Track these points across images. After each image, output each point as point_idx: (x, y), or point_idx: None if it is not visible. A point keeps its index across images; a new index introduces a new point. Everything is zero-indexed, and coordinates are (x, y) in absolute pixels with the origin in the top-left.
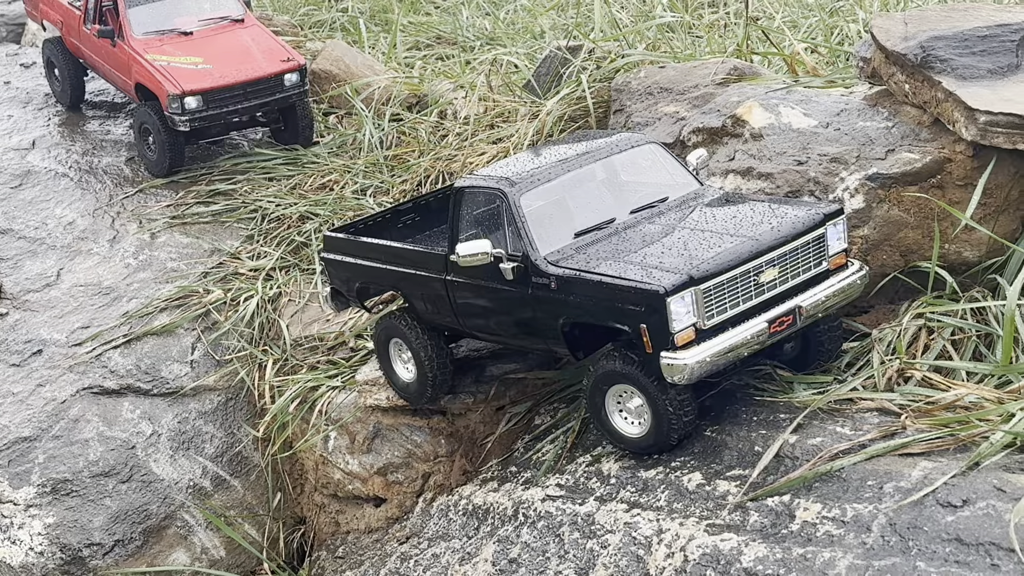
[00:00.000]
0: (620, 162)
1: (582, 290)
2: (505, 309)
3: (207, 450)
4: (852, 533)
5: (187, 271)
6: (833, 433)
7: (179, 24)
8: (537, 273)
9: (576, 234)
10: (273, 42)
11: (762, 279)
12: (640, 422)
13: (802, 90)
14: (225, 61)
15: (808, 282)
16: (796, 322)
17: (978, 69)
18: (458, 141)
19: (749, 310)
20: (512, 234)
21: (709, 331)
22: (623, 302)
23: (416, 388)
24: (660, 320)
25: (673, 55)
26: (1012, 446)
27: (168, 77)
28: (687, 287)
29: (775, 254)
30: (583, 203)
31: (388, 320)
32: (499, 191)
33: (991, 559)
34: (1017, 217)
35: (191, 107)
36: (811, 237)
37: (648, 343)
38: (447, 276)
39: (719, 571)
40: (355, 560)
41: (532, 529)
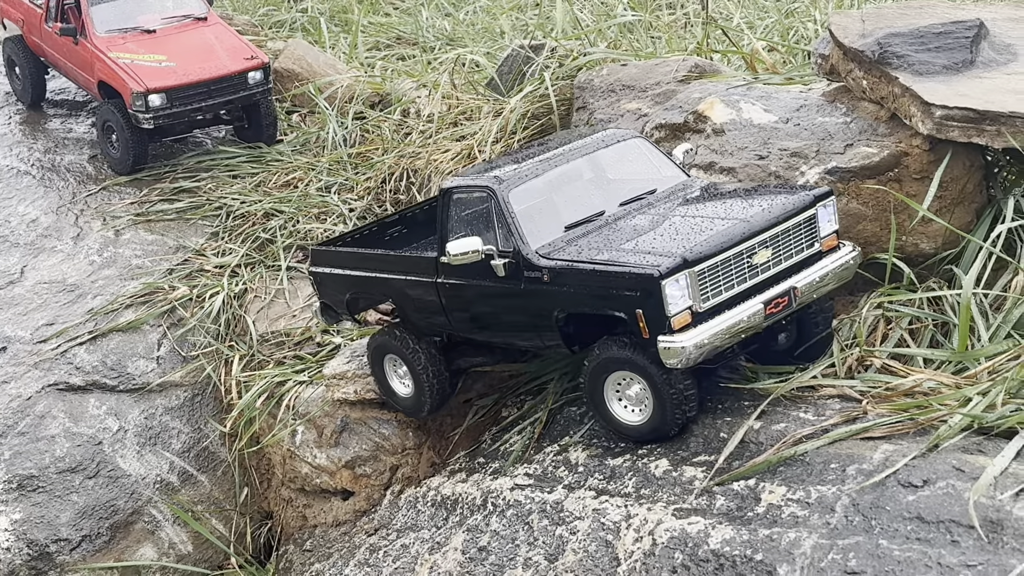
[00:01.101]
0: (607, 157)
1: (576, 280)
2: (498, 306)
3: (174, 445)
4: (816, 514)
5: (152, 268)
6: (796, 419)
7: (142, 22)
8: (529, 267)
9: (566, 227)
10: (236, 40)
11: (755, 260)
12: (640, 409)
13: (762, 87)
14: (189, 59)
15: (801, 264)
16: (791, 303)
17: (934, 65)
18: (422, 139)
19: (744, 292)
20: (502, 230)
21: (705, 314)
22: (618, 288)
23: (414, 401)
24: (656, 304)
25: (635, 54)
26: (970, 429)
27: (132, 75)
28: (681, 270)
29: (767, 235)
30: (572, 197)
31: (381, 337)
32: (488, 188)
33: (951, 535)
34: (972, 209)
35: (155, 105)
36: (802, 218)
37: (644, 328)
38: (438, 279)
39: (687, 553)
40: (323, 553)
41: (501, 518)
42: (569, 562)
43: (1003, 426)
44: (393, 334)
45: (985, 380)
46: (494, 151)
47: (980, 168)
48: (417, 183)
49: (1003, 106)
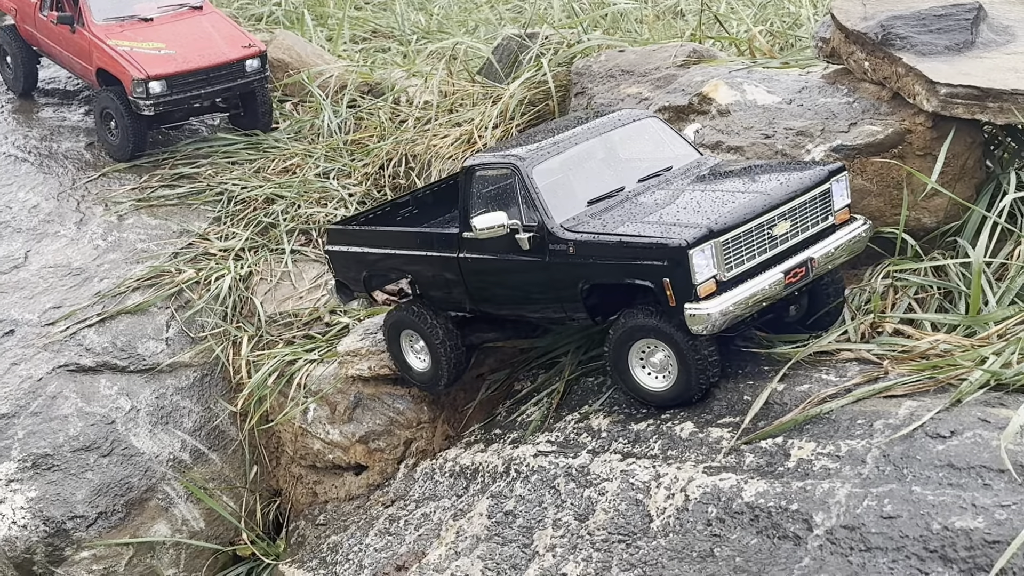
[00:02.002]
0: (624, 135)
1: (602, 252)
2: (521, 280)
3: (185, 424)
4: (848, 466)
5: (157, 252)
6: (819, 380)
7: (139, 10)
8: (554, 240)
9: (589, 202)
10: (233, 28)
11: (776, 232)
12: (665, 376)
13: (762, 70)
14: (188, 46)
15: (817, 236)
16: (809, 273)
17: (936, 46)
18: (418, 125)
19: (765, 262)
20: (526, 205)
21: (728, 283)
22: (645, 259)
23: (431, 376)
24: (683, 273)
25: (632, 40)
26: (988, 385)
27: (132, 62)
28: (707, 240)
29: (786, 208)
30: (592, 174)
31: (397, 313)
32: (511, 165)
33: (983, 480)
34: (972, 184)
35: (156, 91)
36: (818, 192)
37: (671, 296)
38: (460, 254)
39: (721, 507)
40: (339, 526)
41: (526, 483)
42: (600, 521)
43: (1020, 382)
44: (411, 310)
45: (997, 342)
46: (494, 136)
47: (979, 145)
48: (416, 168)
49: (1005, 84)
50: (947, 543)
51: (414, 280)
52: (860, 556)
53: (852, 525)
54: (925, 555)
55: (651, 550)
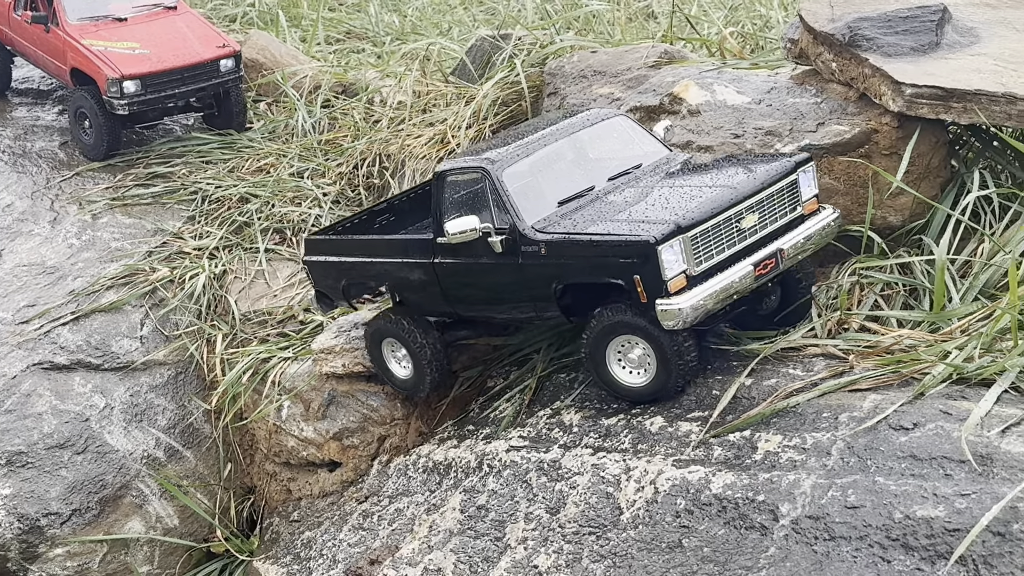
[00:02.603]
0: (593, 135)
1: (573, 251)
2: (496, 282)
3: (159, 422)
4: (814, 458)
5: (131, 250)
6: (786, 375)
7: (113, 10)
8: (526, 242)
9: (559, 203)
10: (207, 29)
11: (744, 225)
12: (643, 371)
13: (732, 71)
14: (162, 46)
15: (786, 227)
16: (779, 264)
17: (902, 47)
18: (392, 125)
19: (734, 255)
20: (498, 208)
21: (699, 277)
22: (615, 256)
23: (414, 382)
24: (653, 269)
25: (604, 41)
26: (950, 379)
27: (107, 62)
28: (675, 235)
29: (753, 200)
30: (562, 175)
31: (378, 322)
32: (481, 169)
33: (944, 470)
34: (936, 183)
35: (130, 91)
36: (785, 183)
37: (643, 293)
38: (435, 260)
39: (690, 499)
40: (313, 522)
41: (498, 478)
42: (571, 514)
43: (981, 376)
44: (391, 318)
45: (959, 337)
46: (467, 136)
47: (944, 144)
48: (390, 168)
49: (968, 84)
50: (909, 532)
51: (392, 288)
52: (824, 545)
53: (817, 515)
54: (887, 543)
55: (621, 541)
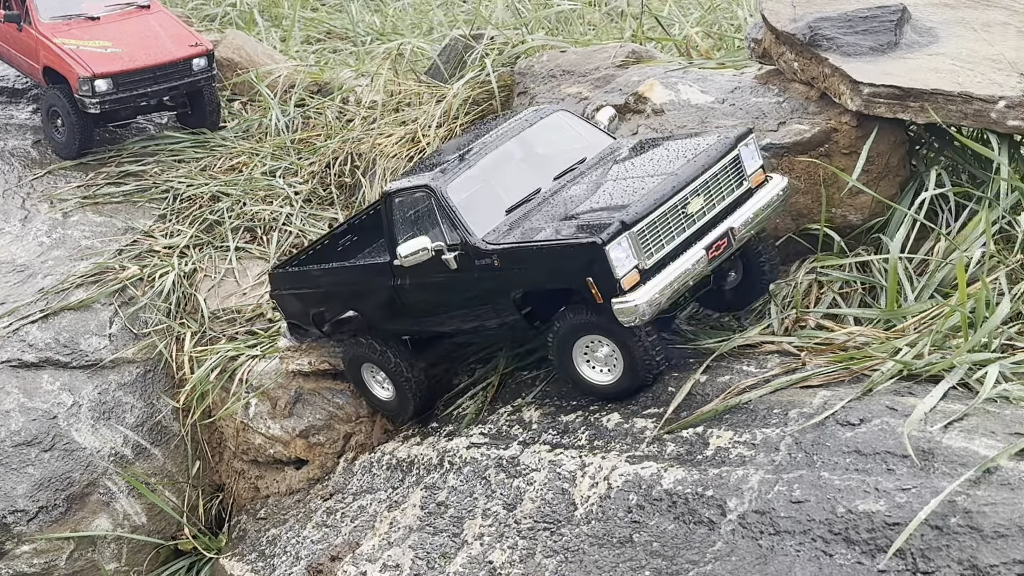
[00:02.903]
0: (535, 134)
1: (524, 261)
2: (458, 298)
3: (127, 420)
4: (762, 453)
5: (102, 249)
6: (740, 372)
7: (86, 9)
8: (479, 255)
9: (507, 211)
10: (180, 28)
11: (690, 209)
12: (610, 369)
13: (697, 71)
14: (134, 45)
15: (735, 204)
16: (731, 243)
17: (861, 46)
18: (364, 124)
19: (685, 242)
20: (447, 225)
21: (652, 269)
22: (565, 261)
23: (398, 403)
24: (603, 270)
25: (573, 40)
26: (900, 375)
27: (78, 60)
28: (621, 233)
29: (697, 183)
30: (508, 181)
31: (354, 347)
32: (426, 187)
33: (887, 465)
34: (896, 182)
35: (102, 90)
36: (727, 161)
37: (597, 294)
38: (395, 282)
39: (641, 494)
40: (279, 519)
41: (458, 474)
42: (527, 510)
43: (930, 372)
44: (362, 342)
45: (912, 334)
46: (438, 135)
47: (903, 143)
48: (362, 167)
49: (925, 84)
50: (850, 525)
51: (359, 313)
52: (769, 539)
53: (763, 510)
54: (830, 537)
55: (574, 537)
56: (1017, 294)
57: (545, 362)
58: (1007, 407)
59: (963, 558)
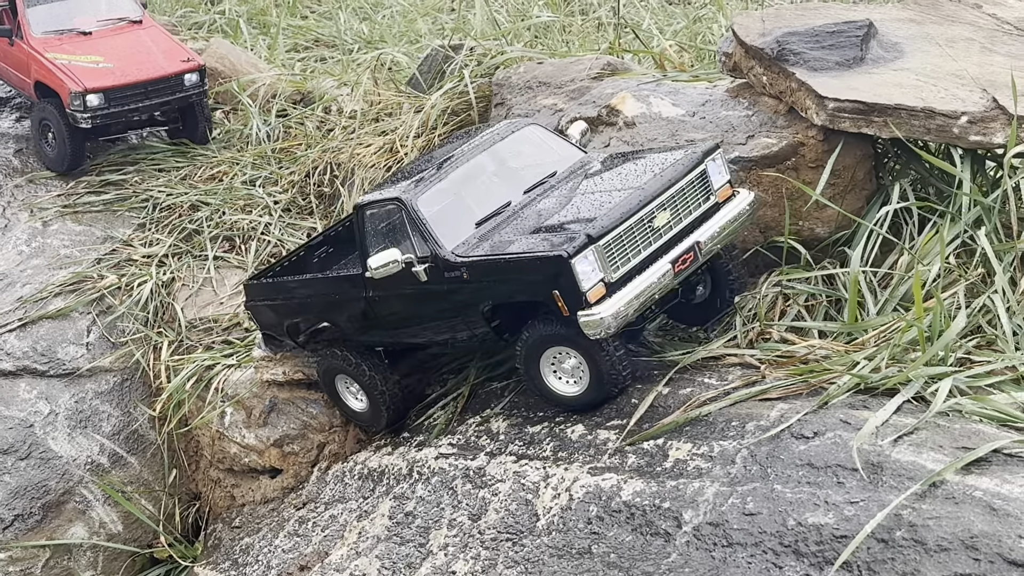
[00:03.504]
0: (506, 148)
1: (492, 273)
2: (428, 310)
3: (104, 428)
4: (719, 466)
5: (80, 257)
6: (701, 384)
7: (78, 24)
8: (449, 267)
9: (477, 224)
10: (172, 43)
11: (656, 224)
12: (577, 380)
13: (670, 83)
14: (126, 60)
15: (701, 218)
16: (697, 257)
17: (827, 61)
18: (344, 134)
19: (651, 255)
20: (417, 237)
21: (618, 283)
22: (532, 274)
23: (371, 414)
24: (569, 283)
25: (550, 52)
26: (857, 388)
27: (70, 75)
28: (587, 247)
29: (663, 198)
30: (479, 194)
31: (328, 359)
32: (396, 199)
33: (838, 478)
34: (862, 196)
35: (93, 104)
36: (694, 176)
37: (564, 307)
38: (367, 294)
39: (601, 505)
40: (252, 528)
41: (426, 485)
42: (492, 520)
43: (886, 385)
44: (336, 354)
45: (871, 348)
46: (416, 145)
47: (870, 158)
48: (340, 176)
49: (889, 99)
50: (800, 538)
51: (332, 324)
52: (722, 551)
53: (717, 522)
54: (780, 549)
55: (534, 548)
56: (975, 308)
57: (514, 373)
58: (957, 421)
59: (907, 571)
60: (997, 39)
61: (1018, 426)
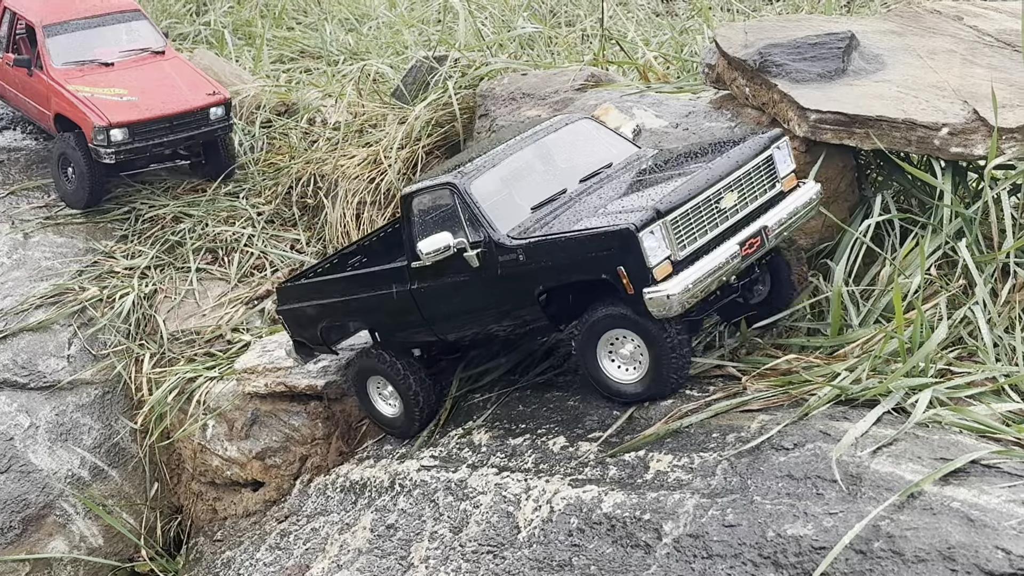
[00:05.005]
0: (559, 139)
1: (552, 253)
2: (478, 298)
3: (85, 441)
4: (699, 477)
5: (62, 269)
6: (682, 396)
7: (99, 55)
8: (503, 251)
9: (532, 208)
10: (196, 75)
11: (723, 205)
12: (635, 367)
13: (654, 95)
14: (150, 93)
15: (767, 204)
16: (764, 243)
17: (809, 73)
18: (328, 145)
19: (718, 237)
20: (470, 222)
21: (684, 262)
22: (596, 251)
23: (404, 420)
24: (636, 258)
25: (534, 63)
26: (837, 399)
27: (93, 109)
28: (655, 221)
29: (731, 179)
30: (532, 181)
31: (362, 359)
32: (449, 184)
33: (817, 489)
34: (845, 207)
35: (117, 139)
36: (760, 160)
37: (628, 284)
38: (412, 286)
39: (582, 518)
40: (234, 541)
41: (408, 497)
42: (473, 533)
43: (866, 396)
44: (372, 354)
45: (851, 359)
46: (399, 157)
47: (852, 169)
48: (324, 188)
49: (871, 110)
50: (779, 549)
51: (373, 322)
52: (702, 563)
53: (697, 533)
54: (759, 561)
55: (515, 560)
56: (956, 320)
57: (497, 385)
58: (937, 432)
59: None
60: (978, 51)
61: (997, 437)
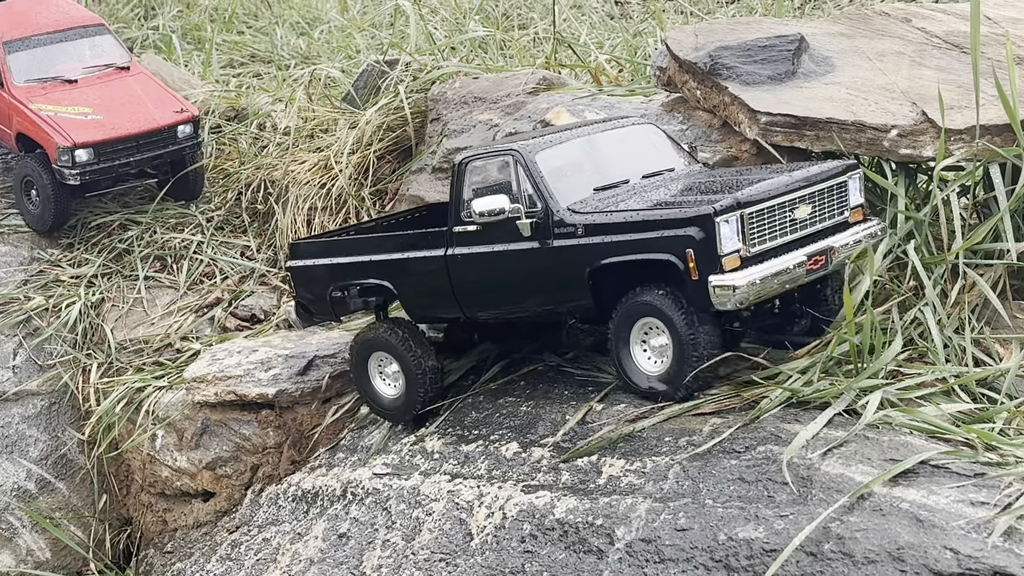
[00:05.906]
0: (624, 135)
1: (617, 229)
2: (520, 271)
3: (31, 453)
4: (651, 482)
5: (6, 279)
6: (635, 400)
7: (62, 71)
8: (560, 224)
9: (596, 189)
10: (163, 91)
11: (797, 215)
12: (662, 360)
13: (606, 98)
14: (116, 111)
15: (835, 229)
16: (828, 263)
17: (759, 75)
18: (279, 151)
19: (787, 245)
20: (527, 192)
21: (751, 260)
22: (666, 230)
23: (403, 403)
24: (708, 243)
25: (486, 67)
26: (788, 402)
27: (57, 128)
28: (734, 210)
29: (808, 191)
30: (595, 166)
31: (372, 331)
32: (513, 151)
33: (768, 492)
34: None
35: (82, 160)
36: (836, 182)
37: (695, 268)
38: (448, 251)
39: (535, 524)
40: (185, 553)
41: (360, 505)
42: (425, 540)
43: (818, 399)
44: (379, 326)
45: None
46: (351, 162)
47: None
48: (275, 194)
49: (821, 112)
50: (731, 553)
51: (394, 287)
52: (655, 568)
53: (649, 538)
54: (711, 564)
55: (468, 567)
56: (907, 321)
57: (449, 392)
58: (887, 433)
59: None
60: (926, 53)
61: (946, 437)
